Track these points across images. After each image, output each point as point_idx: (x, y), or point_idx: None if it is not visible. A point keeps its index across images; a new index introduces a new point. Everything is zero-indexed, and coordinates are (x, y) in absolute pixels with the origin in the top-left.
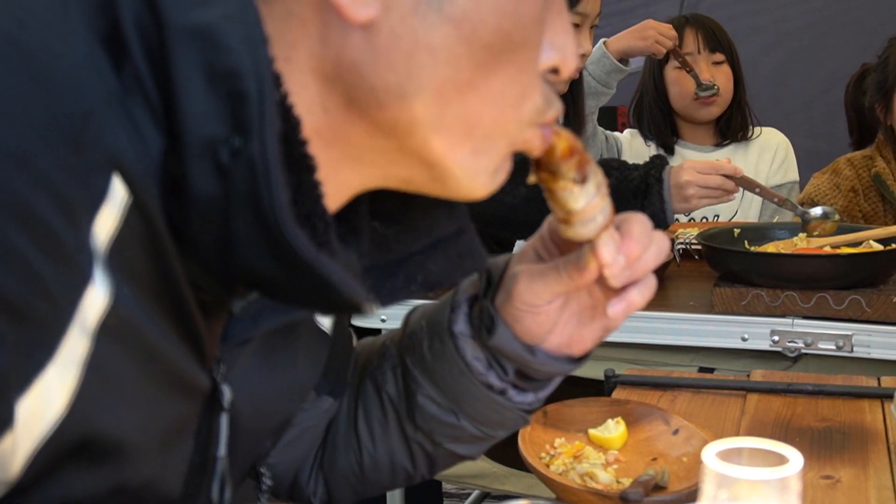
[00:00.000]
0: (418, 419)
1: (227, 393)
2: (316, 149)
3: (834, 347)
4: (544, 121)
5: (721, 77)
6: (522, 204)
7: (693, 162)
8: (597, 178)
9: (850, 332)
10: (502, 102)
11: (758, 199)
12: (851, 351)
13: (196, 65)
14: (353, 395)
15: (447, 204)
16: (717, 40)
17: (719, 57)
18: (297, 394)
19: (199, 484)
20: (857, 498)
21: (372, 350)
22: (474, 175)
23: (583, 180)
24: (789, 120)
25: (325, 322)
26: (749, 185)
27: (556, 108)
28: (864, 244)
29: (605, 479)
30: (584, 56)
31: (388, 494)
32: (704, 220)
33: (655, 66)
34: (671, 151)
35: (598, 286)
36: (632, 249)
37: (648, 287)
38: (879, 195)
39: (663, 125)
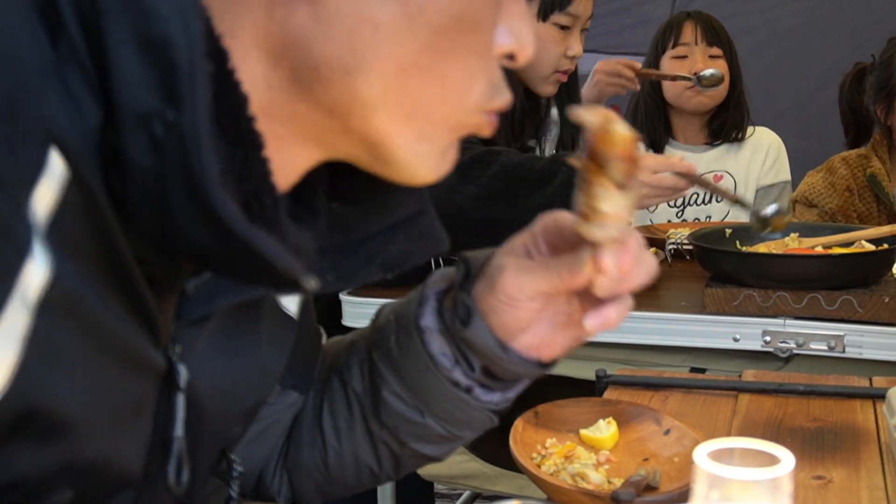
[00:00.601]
0: (384, 416)
1: (183, 373)
2: (262, 125)
3: (826, 348)
4: (492, 108)
5: (715, 68)
6: (471, 203)
7: (648, 160)
8: (634, 193)
9: (841, 333)
10: (449, 86)
11: (749, 199)
12: (843, 351)
13: (128, 34)
14: (319, 391)
15: (407, 185)
16: (715, 34)
17: (716, 51)
18: (263, 378)
19: (160, 465)
20: (849, 498)
21: (340, 346)
22: (419, 159)
23: (623, 187)
24: (781, 119)
25: (292, 307)
26: (703, 183)
27: (505, 96)
28: (855, 244)
29: (597, 479)
30: (574, 58)
31: (380, 494)
32: (697, 221)
33: (652, 60)
34: (660, 151)
35: (577, 296)
36: (626, 262)
37: (626, 307)
38: (874, 195)
39: (656, 118)
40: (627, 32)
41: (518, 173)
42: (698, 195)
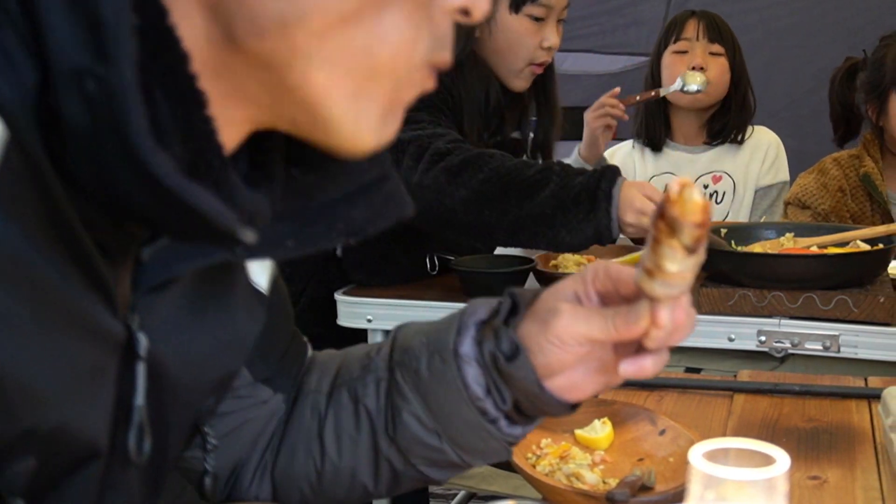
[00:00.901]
0: (399, 437)
1: (143, 342)
2: (205, 83)
3: (821, 348)
4: (434, 62)
5: (716, 68)
6: (461, 206)
7: (645, 203)
8: (700, 257)
9: (837, 333)
10: (392, 40)
11: (748, 202)
12: (838, 351)
13: None
14: (324, 403)
15: (352, 154)
16: (718, 32)
17: (717, 48)
18: (234, 349)
19: (124, 436)
20: (844, 498)
21: (350, 360)
22: (357, 120)
23: (692, 252)
24: (776, 119)
25: (262, 282)
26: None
27: (448, 53)
28: (851, 244)
29: (592, 479)
30: (550, 49)
31: None
32: None
33: (655, 58)
34: (658, 150)
35: (614, 344)
36: (680, 318)
37: (663, 360)
38: (867, 195)
39: (656, 116)
40: (621, 32)
41: (509, 180)
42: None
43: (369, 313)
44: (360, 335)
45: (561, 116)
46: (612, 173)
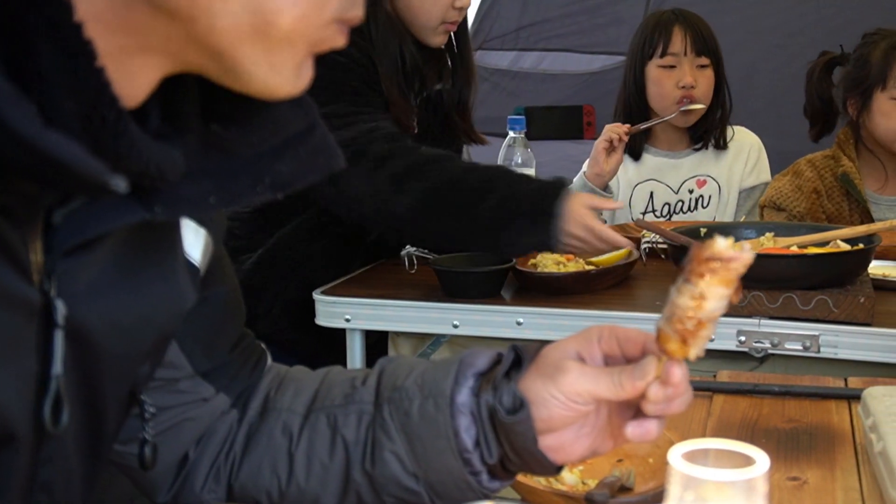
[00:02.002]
0: (376, 473)
1: (60, 308)
2: (98, 36)
3: (801, 348)
4: (345, 19)
5: (703, 81)
6: (407, 213)
7: (588, 219)
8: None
9: (816, 333)
10: (295, 6)
11: (732, 205)
12: (818, 351)
13: None
14: (298, 424)
15: (292, 100)
16: (704, 43)
17: (704, 60)
18: (166, 314)
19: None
20: (824, 499)
21: (331, 384)
22: (269, 72)
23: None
24: (757, 118)
25: (195, 256)
26: (650, 227)
27: (359, 8)
28: (831, 244)
29: (571, 480)
30: (461, 9)
31: None
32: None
33: (637, 63)
34: (637, 158)
35: (610, 410)
36: (681, 388)
37: (662, 426)
38: (844, 195)
39: (636, 122)
40: (600, 31)
41: (454, 188)
42: (683, 202)
43: (347, 313)
44: (337, 339)
45: (476, 76)
46: (559, 187)
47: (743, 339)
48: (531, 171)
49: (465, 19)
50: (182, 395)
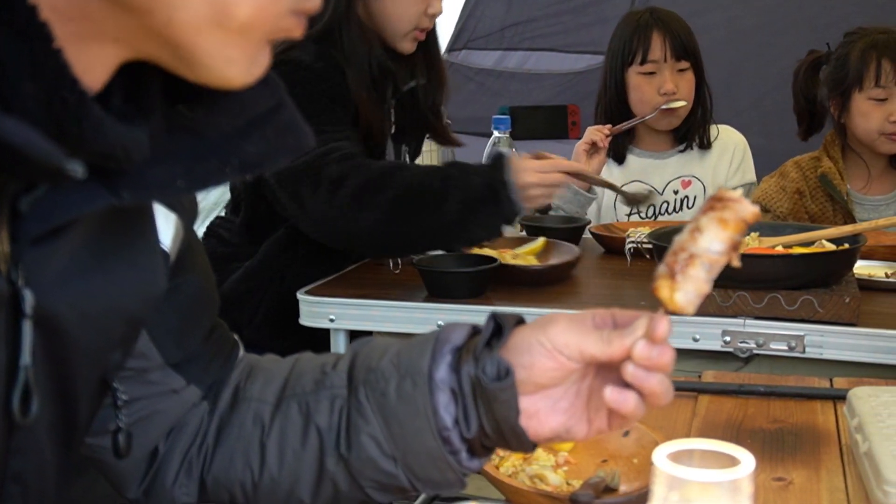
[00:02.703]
0: (353, 457)
1: (28, 297)
2: (55, 24)
3: (786, 348)
4: (302, 8)
5: (684, 85)
6: (374, 227)
7: (531, 162)
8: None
9: (802, 333)
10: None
11: None
12: (804, 352)
13: None
14: (269, 412)
15: (258, 80)
16: (683, 46)
17: (684, 64)
18: (139, 301)
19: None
20: (810, 500)
21: (301, 371)
22: (226, 64)
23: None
24: (742, 117)
25: (165, 241)
26: (595, 181)
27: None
28: (816, 244)
29: (555, 480)
30: (433, 16)
31: None
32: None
33: (617, 67)
34: (621, 162)
35: (594, 394)
36: (665, 352)
37: (641, 408)
38: (827, 196)
39: (618, 123)
40: (585, 31)
41: (415, 196)
42: (668, 203)
43: (332, 313)
44: (320, 343)
45: (447, 79)
46: (500, 161)
47: (728, 339)
48: None
49: (434, 27)
50: (152, 386)
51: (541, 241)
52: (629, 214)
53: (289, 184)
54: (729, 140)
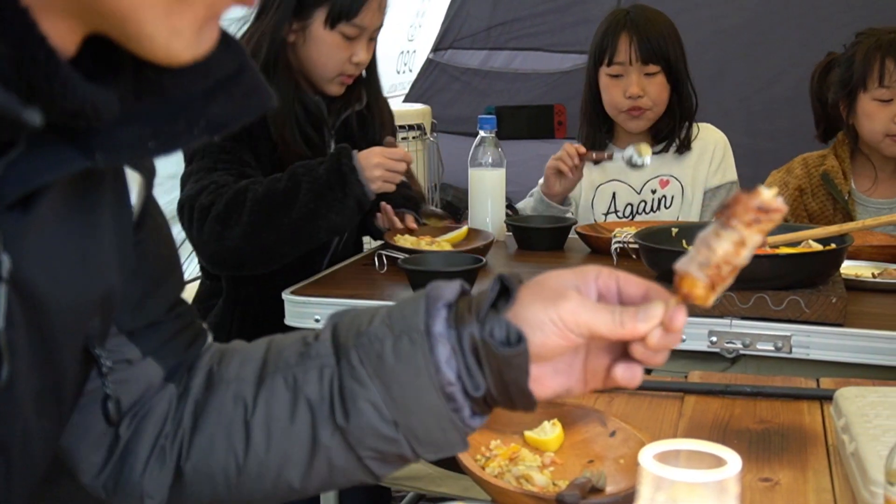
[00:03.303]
0: (351, 426)
1: (5, 262)
2: None
3: (772, 348)
4: None
5: (653, 89)
6: (242, 241)
7: (376, 147)
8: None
9: (788, 333)
10: None
11: (697, 205)
12: (790, 352)
13: None
14: (252, 391)
15: (221, 42)
16: (651, 49)
17: (653, 68)
18: (113, 266)
19: None
20: (796, 500)
21: (280, 347)
22: (170, 36)
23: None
24: (728, 117)
25: (132, 198)
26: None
27: None
28: (803, 244)
29: (541, 481)
30: (359, 65)
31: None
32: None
33: (591, 67)
34: (598, 162)
35: (591, 355)
36: (677, 338)
37: (641, 375)
38: (828, 195)
39: (596, 124)
40: (570, 31)
41: (269, 201)
42: (646, 203)
43: (317, 313)
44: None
45: (390, 117)
46: (346, 150)
47: (714, 339)
48: (502, 171)
49: (374, 68)
50: (120, 372)
51: (463, 229)
52: (606, 214)
53: (182, 223)
54: (709, 139)
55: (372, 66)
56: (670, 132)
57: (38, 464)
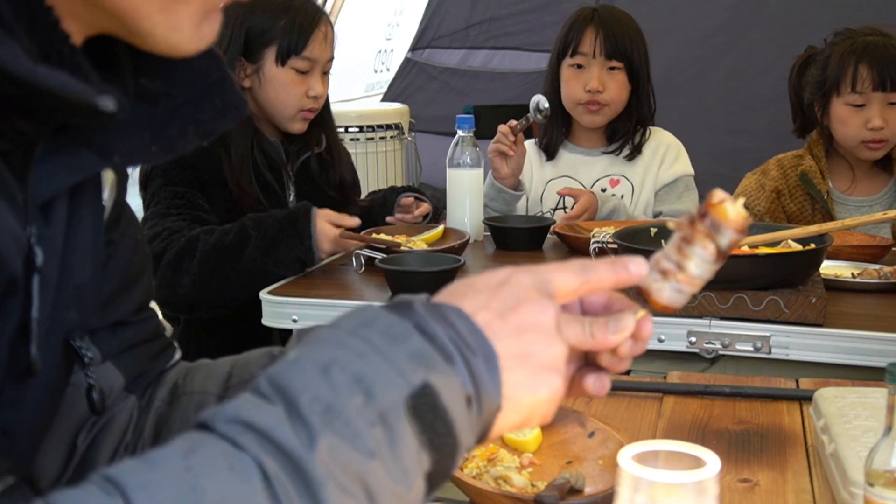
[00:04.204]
0: None
1: (39, 255)
2: None
3: (752, 349)
4: None
5: (613, 85)
6: (192, 290)
7: (335, 232)
8: (718, 267)
9: (768, 334)
10: None
11: (644, 204)
12: (769, 352)
13: None
14: (215, 402)
15: (204, 54)
16: (615, 45)
17: (615, 63)
18: (88, 261)
19: (19, 349)
20: (775, 501)
21: (245, 362)
22: (171, 30)
23: (721, 258)
24: (708, 115)
25: (104, 195)
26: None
27: None
28: (782, 244)
29: (520, 482)
30: (316, 98)
31: None
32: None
33: (554, 59)
34: (554, 154)
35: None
36: (650, 330)
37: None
38: (807, 195)
39: (554, 120)
40: (548, 30)
41: (217, 252)
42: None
43: (295, 313)
44: (287, 335)
45: (347, 157)
46: (306, 211)
47: (693, 339)
48: (479, 170)
49: (328, 109)
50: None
51: (439, 228)
52: (555, 209)
53: (145, 186)
54: (661, 141)
55: (326, 107)
56: (624, 134)
57: (32, 452)
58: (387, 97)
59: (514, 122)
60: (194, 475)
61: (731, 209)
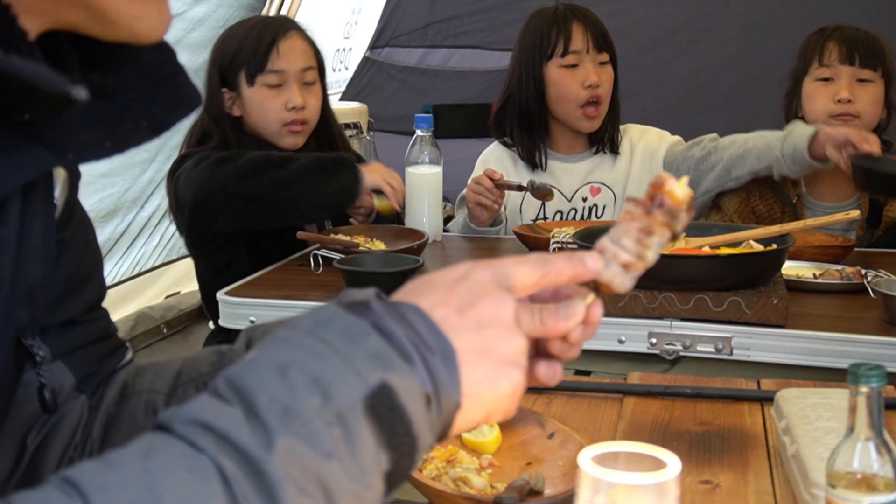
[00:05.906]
0: None
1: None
2: None
3: (713, 350)
4: None
5: (606, 79)
6: (231, 179)
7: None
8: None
9: (729, 335)
10: None
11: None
12: (731, 353)
13: None
14: (163, 401)
15: (154, 48)
16: (603, 38)
17: (605, 57)
18: (39, 259)
19: None
20: (737, 503)
21: (194, 360)
22: (133, 21)
23: (674, 239)
24: (670, 113)
25: (55, 193)
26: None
27: None
28: (744, 245)
29: (479, 483)
30: (296, 109)
31: None
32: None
33: (534, 62)
34: (533, 160)
35: None
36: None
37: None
38: (776, 196)
39: (536, 124)
40: (509, 28)
41: (264, 159)
42: (576, 210)
43: (252, 314)
44: None
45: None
46: (354, 159)
47: (654, 341)
48: (439, 169)
49: (326, 119)
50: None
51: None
52: (535, 220)
53: (171, 182)
54: (635, 139)
55: (325, 119)
56: (603, 134)
57: None
58: (345, 96)
59: (497, 175)
60: (153, 477)
61: (679, 190)
